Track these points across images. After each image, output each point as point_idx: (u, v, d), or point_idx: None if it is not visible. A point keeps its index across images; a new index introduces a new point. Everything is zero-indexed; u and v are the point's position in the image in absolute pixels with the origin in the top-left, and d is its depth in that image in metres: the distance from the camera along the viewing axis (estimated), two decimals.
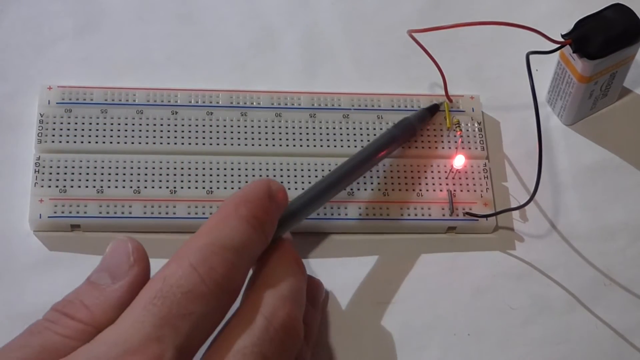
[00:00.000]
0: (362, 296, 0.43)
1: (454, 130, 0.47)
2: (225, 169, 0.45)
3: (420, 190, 0.45)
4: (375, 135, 0.46)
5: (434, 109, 0.47)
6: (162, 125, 0.45)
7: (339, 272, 0.44)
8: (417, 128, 0.46)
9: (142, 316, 0.33)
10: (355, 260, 0.44)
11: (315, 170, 0.45)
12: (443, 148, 0.47)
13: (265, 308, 0.35)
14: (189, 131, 0.45)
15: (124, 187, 0.44)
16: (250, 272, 0.37)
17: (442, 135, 0.47)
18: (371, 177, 0.45)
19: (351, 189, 0.45)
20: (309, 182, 0.45)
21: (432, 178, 0.46)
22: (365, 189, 0.45)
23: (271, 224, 0.37)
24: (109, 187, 0.43)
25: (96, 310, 0.34)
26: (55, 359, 0.33)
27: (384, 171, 0.45)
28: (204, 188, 0.44)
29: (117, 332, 0.33)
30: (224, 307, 0.34)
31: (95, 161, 0.44)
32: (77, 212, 0.43)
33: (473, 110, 0.48)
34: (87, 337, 0.33)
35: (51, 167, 0.44)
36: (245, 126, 0.46)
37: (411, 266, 0.44)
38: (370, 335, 0.43)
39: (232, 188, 0.44)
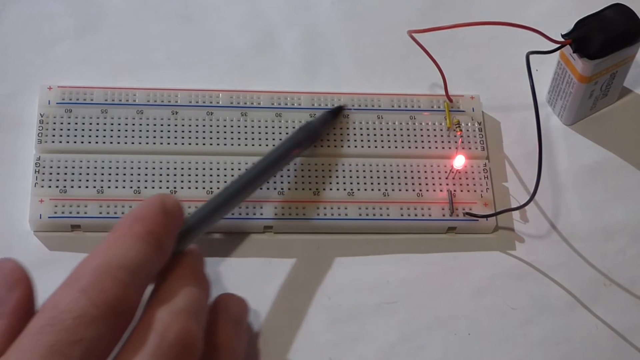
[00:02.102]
0: (362, 296, 0.43)
1: (454, 130, 0.47)
2: (225, 169, 0.45)
3: (420, 190, 0.45)
4: (375, 135, 0.46)
5: (337, 112, 0.46)
6: (162, 125, 0.45)
7: (339, 272, 0.44)
8: (321, 131, 0.45)
9: (30, 347, 0.32)
10: (355, 260, 0.44)
11: (316, 170, 0.45)
12: (443, 148, 0.47)
13: (157, 324, 0.34)
14: (189, 131, 0.45)
15: (124, 187, 0.44)
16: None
17: (442, 135, 0.47)
18: (371, 177, 0.45)
19: (351, 189, 0.45)
20: (310, 182, 0.45)
21: (432, 178, 0.46)
22: (365, 189, 0.45)
23: (168, 239, 0.36)
24: (109, 187, 0.43)
25: None
26: None
27: (384, 171, 0.45)
28: (204, 188, 0.44)
29: None
30: (118, 329, 0.33)
31: (95, 161, 0.44)
32: (77, 212, 0.43)
33: (473, 110, 0.48)
34: None
35: (51, 167, 0.44)
36: (245, 126, 0.46)
37: (411, 266, 0.44)
38: (371, 336, 0.43)
39: None
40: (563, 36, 0.45)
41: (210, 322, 0.37)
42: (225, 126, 0.46)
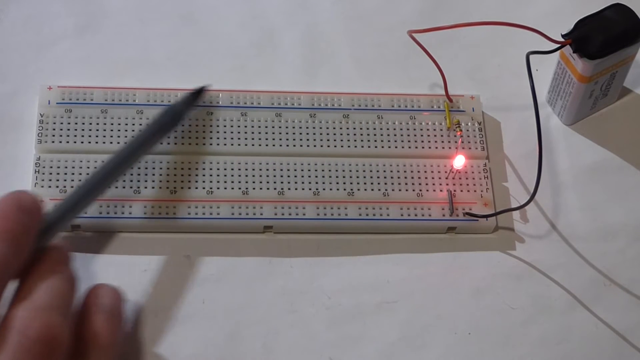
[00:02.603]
0: (362, 296, 0.43)
1: (454, 130, 0.47)
2: (225, 169, 0.45)
3: (420, 190, 0.45)
4: (375, 135, 0.46)
5: (199, 93, 0.45)
6: None
7: (339, 272, 0.44)
8: (184, 113, 0.45)
9: None
10: (355, 260, 0.44)
11: (316, 170, 0.45)
12: (443, 148, 0.47)
13: (18, 322, 0.34)
14: (189, 131, 0.45)
15: (123, 187, 0.44)
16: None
17: (442, 135, 0.47)
18: (371, 177, 0.45)
19: (351, 189, 0.45)
20: (310, 182, 0.45)
21: (432, 178, 0.46)
22: (365, 189, 0.45)
23: (25, 236, 0.36)
24: (108, 187, 0.43)
25: None
26: None
27: (384, 171, 0.45)
28: (204, 188, 0.44)
29: None
30: None
31: (95, 161, 0.44)
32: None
33: (473, 110, 0.48)
34: None
35: (51, 167, 0.44)
36: (246, 126, 0.46)
37: (411, 266, 0.44)
38: (372, 335, 0.43)
39: (232, 188, 0.44)
40: (563, 36, 0.45)
41: (81, 314, 0.37)
42: (225, 126, 0.46)
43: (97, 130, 0.45)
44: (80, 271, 0.38)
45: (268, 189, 0.44)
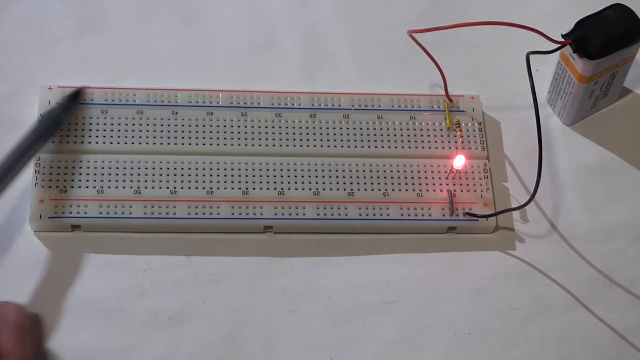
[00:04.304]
0: (362, 296, 0.43)
1: (454, 130, 0.47)
2: (225, 169, 0.45)
3: (420, 190, 0.45)
4: (375, 135, 0.46)
5: (76, 96, 0.45)
6: (162, 125, 0.45)
7: (339, 272, 0.44)
8: (63, 117, 0.44)
9: None
10: (355, 260, 0.44)
11: (316, 170, 0.45)
12: (443, 148, 0.46)
13: None
14: (189, 131, 0.45)
15: (124, 187, 0.44)
16: None
17: (442, 135, 0.47)
18: (371, 177, 0.45)
19: (351, 189, 0.45)
20: (310, 182, 0.45)
21: (432, 178, 0.46)
22: (365, 189, 0.45)
23: None
24: (109, 187, 0.43)
25: None
26: None
27: (384, 171, 0.45)
28: (204, 188, 0.44)
29: None
30: None
31: (95, 161, 0.44)
32: (78, 213, 0.43)
33: (473, 110, 0.48)
34: None
35: (51, 167, 0.44)
36: (245, 126, 0.46)
37: (411, 266, 0.44)
38: (372, 335, 0.43)
39: (232, 188, 0.44)
40: (563, 36, 0.45)
41: None
42: (225, 126, 0.46)
43: (97, 130, 0.45)
44: (81, 271, 0.38)
45: (268, 189, 0.44)
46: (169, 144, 0.45)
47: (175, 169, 0.44)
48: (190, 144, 0.45)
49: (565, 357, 0.43)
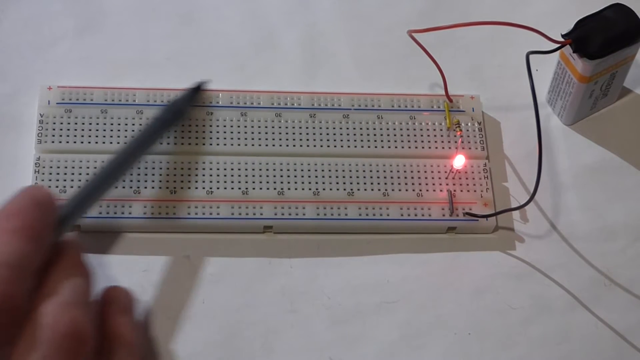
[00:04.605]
0: (362, 296, 0.43)
1: (454, 130, 0.47)
2: (225, 169, 0.45)
3: (420, 190, 0.45)
4: (375, 135, 0.46)
5: (198, 89, 0.46)
6: None
7: (339, 272, 0.44)
8: (185, 108, 0.45)
9: None
10: (355, 260, 0.44)
11: (315, 170, 0.45)
12: (443, 148, 0.47)
13: (46, 318, 0.34)
14: (189, 131, 0.45)
15: (123, 187, 0.44)
16: None
17: (442, 135, 0.47)
18: (371, 177, 0.45)
19: (351, 189, 0.45)
20: (309, 182, 0.45)
21: (432, 178, 0.46)
22: (365, 189, 0.45)
23: (44, 231, 0.36)
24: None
25: None
26: None
27: (384, 171, 0.45)
28: (204, 188, 0.44)
29: None
30: (7, 327, 0.33)
31: (95, 161, 0.44)
32: None
33: (473, 110, 0.48)
34: None
35: (51, 167, 0.44)
36: (245, 126, 0.46)
37: (411, 266, 0.44)
38: (372, 335, 0.43)
39: (232, 188, 0.44)
40: (563, 36, 0.45)
41: (102, 314, 0.37)
42: (225, 126, 0.46)
43: (97, 130, 0.45)
44: None
45: (268, 189, 0.44)
46: (168, 144, 0.45)
47: (174, 169, 0.44)
48: (190, 144, 0.45)
49: (565, 357, 0.43)
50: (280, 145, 0.46)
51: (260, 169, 0.45)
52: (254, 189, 0.44)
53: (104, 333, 0.37)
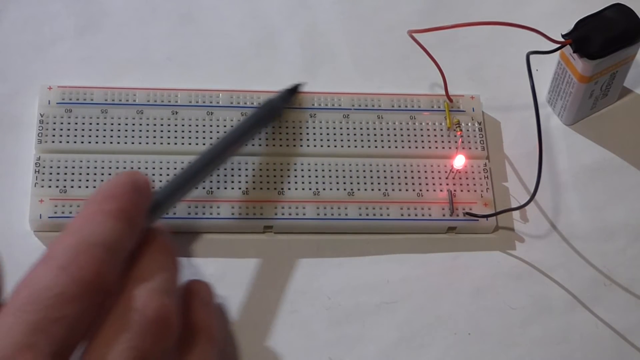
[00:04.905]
0: (362, 296, 0.43)
1: (454, 130, 0.47)
2: (225, 168, 0.45)
3: (420, 190, 0.45)
4: (375, 135, 0.46)
5: (294, 90, 0.46)
6: (162, 125, 0.45)
7: (338, 273, 0.44)
8: (281, 109, 0.46)
9: (11, 324, 0.31)
10: (355, 260, 0.44)
11: (316, 170, 0.45)
12: (443, 148, 0.47)
13: (137, 302, 0.34)
14: (189, 131, 0.45)
15: None
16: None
17: (442, 135, 0.47)
18: (371, 177, 0.45)
19: (351, 189, 0.45)
20: (310, 182, 0.45)
21: (432, 178, 0.46)
22: (365, 189, 0.45)
23: (139, 216, 0.36)
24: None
25: None
26: None
27: (384, 171, 0.45)
28: (204, 188, 0.44)
29: None
30: (97, 306, 0.33)
31: (95, 161, 0.44)
32: (77, 212, 0.43)
33: (473, 110, 0.48)
34: None
35: (51, 167, 0.44)
36: None
37: (411, 266, 0.44)
38: (371, 336, 0.43)
39: (232, 188, 0.44)
40: (563, 36, 0.45)
41: (185, 305, 0.37)
42: (225, 126, 0.46)
43: (97, 130, 0.45)
44: None
45: (268, 189, 0.44)
46: (169, 144, 0.45)
47: (175, 169, 0.44)
48: (190, 144, 0.45)
49: (565, 357, 0.43)
50: (281, 145, 0.46)
51: (260, 169, 0.45)
52: (254, 188, 0.44)
53: (185, 324, 0.37)
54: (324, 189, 0.45)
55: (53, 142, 0.44)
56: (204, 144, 0.45)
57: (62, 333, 0.32)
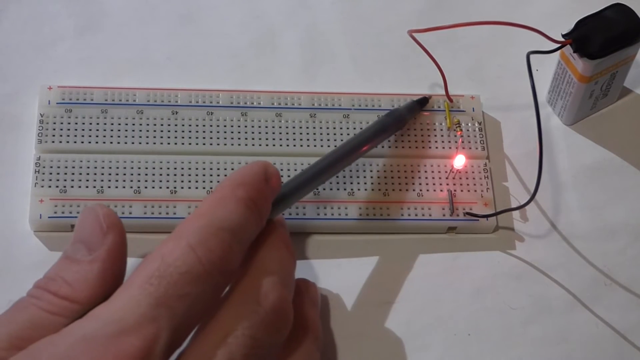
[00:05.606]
0: (362, 297, 0.43)
1: (454, 130, 0.47)
2: (225, 169, 0.45)
3: (420, 190, 0.45)
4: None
5: (423, 102, 0.47)
6: (162, 125, 0.45)
7: (339, 273, 0.44)
8: (407, 119, 0.46)
9: (138, 295, 0.32)
10: (355, 260, 0.44)
11: None
12: (443, 148, 0.47)
13: (256, 291, 0.35)
14: (189, 131, 0.45)
15: (124, 187, 0.44)
16: None
17: (442, 135, 0.47)
18: (371, 177, 0.45)
19: (351, 189, 0.45)
20: None
21: (432, 178, 0.46)
22: (365, 189, 0.45)
23: (266, 206, 0.37)
24: (109, 187, 0.43)
25: (78, 286, 0.33)
26: (44, 335, 0.32)
27: (384, 171, 0.45)
28: (204, 188, 0.44)
29: (112, 309, 0.32)
30: (218, 289, 0.34)
31: (95, 161, 0.44)
32: (78, 212, 0.43)
33: (473, 110, 0.48)
34: (73, 314, 0.33)
35: (51, 167, 0.44)
36: (245, 126, 0.46)
37: (411, 266, 0.44)
38: (371, 336, 0.43)
39: None
40: (563, 36, 0.45)
41: (295, 302, 0.38)
42: (225, 126, 0.46)
43: (97, 130, 0.45)
44: None
45: None
46: (169, 144, 0.45)
47: (175, 168, 0.44)
48: (190, 144, 0.45)
49: (565, 357, 0.43)
50: (281, 145, 0.46)
51: None
52: None
53: (297, 320, 0.37)
54: (323, 189, 0.45)
55: (53, 142, 0.44)
56: (203, 144, 0.45)
57: (184, 311, 0.32)
